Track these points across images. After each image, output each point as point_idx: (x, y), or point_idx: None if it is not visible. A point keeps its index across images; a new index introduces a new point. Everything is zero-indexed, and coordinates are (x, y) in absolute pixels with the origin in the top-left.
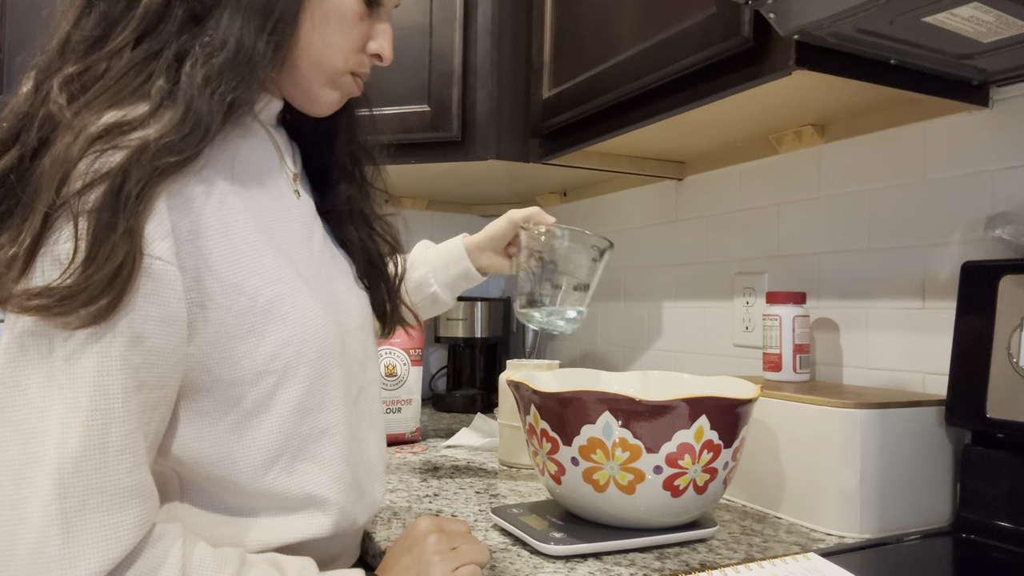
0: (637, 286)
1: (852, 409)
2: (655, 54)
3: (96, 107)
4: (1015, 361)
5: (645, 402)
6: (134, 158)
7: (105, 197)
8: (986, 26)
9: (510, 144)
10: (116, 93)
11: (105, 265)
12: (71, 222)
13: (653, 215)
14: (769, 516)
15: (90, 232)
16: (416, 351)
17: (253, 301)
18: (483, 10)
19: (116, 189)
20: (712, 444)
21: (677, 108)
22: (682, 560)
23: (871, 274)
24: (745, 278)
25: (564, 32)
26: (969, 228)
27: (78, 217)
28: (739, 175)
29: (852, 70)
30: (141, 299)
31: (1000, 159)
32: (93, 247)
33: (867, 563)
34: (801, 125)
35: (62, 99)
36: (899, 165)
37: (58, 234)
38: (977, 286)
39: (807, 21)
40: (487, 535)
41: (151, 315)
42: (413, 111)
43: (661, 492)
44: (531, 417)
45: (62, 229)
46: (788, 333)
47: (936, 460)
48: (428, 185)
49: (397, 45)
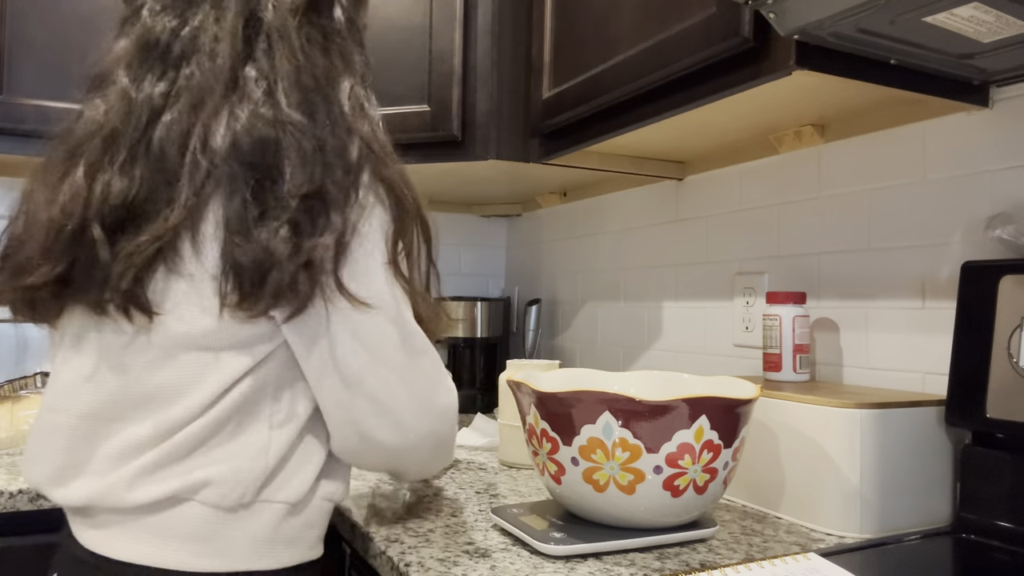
0: (637, 286)
1: (852, 409)
2: (655, 54)
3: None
4: (1015, 361)
5: (645, 402)
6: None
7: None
8: (986, 26)
9: (510, 144)
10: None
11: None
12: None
13: (653, 215)
14: (769, 516)
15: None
16: None
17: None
18: (483, 10)
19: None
20: (712, 444)
21: (677, 108)
22: (682, 560)
23: (871, 274)
24: (745, 278)
25: (564, 32)
26: (969, 228)
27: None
28: (739, 175)
29: (852, 70)
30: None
31: (1000, 159)
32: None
33: (867, 563)
34: (801, 125)
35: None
36: (899, 165)
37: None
38: (977, 286)
39: (807, 21)
40: (487, 535)
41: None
42: (413, 111)
43: (661, 492)
44: (531, 417)
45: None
46: (788, 333)
47: (936, 460)
48: (428, 185)
49: (397, 45)
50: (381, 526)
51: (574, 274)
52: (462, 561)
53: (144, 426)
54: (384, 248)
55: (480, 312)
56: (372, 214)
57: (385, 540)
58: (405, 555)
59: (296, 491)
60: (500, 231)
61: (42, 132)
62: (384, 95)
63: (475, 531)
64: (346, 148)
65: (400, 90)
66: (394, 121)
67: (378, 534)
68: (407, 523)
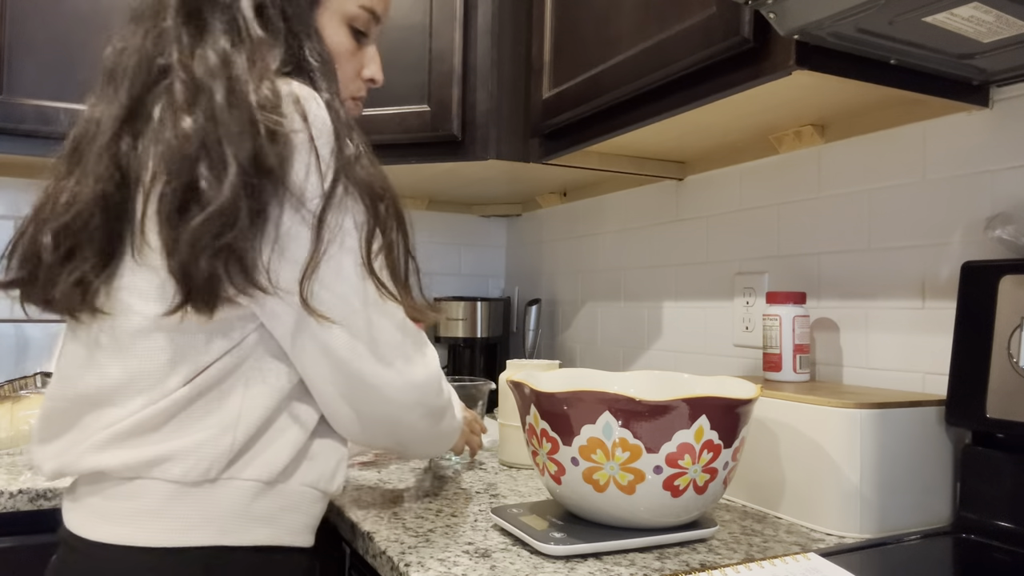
0: (637, 286)
1: (852, 409)
2: (655, 54)
3: None
4: (1015, 361)
5: (645, 402)
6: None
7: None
8: (986, 26)
9: (510, 144)
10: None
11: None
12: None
13: (653, 215)
14: (769, 516)
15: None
16: None
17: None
18: (483, 10)
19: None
20: (712, 444)
21: (677, 108)
22: (682, 560)
23: (871, 274)
24: (745, 278)
25: (564, 32)
26: (969, 228)
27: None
28: (739, 175)
29: (852, 70)
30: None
31: (1000, 159)
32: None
33: (867, 563)
34: (801, 125)
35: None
36: (899, 165)
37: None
38: (977, 286)
39: (807, 21)
40: (487, 535)
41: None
42: (413, 111)
43: (661, 492)
44: (531, 417)
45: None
46: (788, 333)
47: (936, 460)
48: (428, 185)
49: (397, 45)
50: (381, 526)
51: (574, 274)
52: (462, 561)
53: (126, 408)
54: (355, 247)
55: (480, 312)
56: (342, 212)
57: (385, 540)
58: (405, 555)
59: (268, 468)
60: (500, 231)
61: (42, 132)
62: (384, 95)
63: (475, 531)
64: (260, 147)
65: (400, 90)
66: (394, 121)
67: (378, 534)
68: (407, 523)
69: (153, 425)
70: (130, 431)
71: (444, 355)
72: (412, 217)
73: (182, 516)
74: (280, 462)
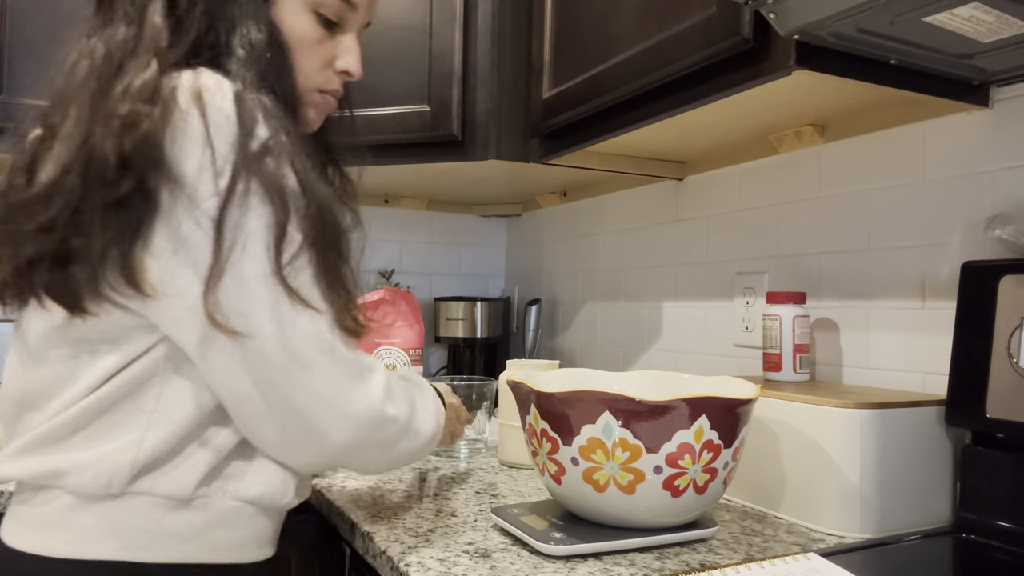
0: (637, 286)
1: (852, 409)
2: (655, 54)
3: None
4: (1015, 361)
5: (645, 402)
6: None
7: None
8: (986, 26)
9: (510, 144)
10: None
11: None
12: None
13: (653, 215)
14: (769, 516)
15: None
16: (416, 351)
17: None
18: (483, 10)
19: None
20: (712, 444)
21: (677, 108)
22: (682, 560)
23: (871, 274)
24: (745, 278)
25: (564, 32)
26: (969, 228)
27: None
28: (739, 175)
29: (852, 70)
30: None
31: (1000, 159)
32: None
33: (867, 563)
34: (801, 125)
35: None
36: (899, 165)
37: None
38: (977, 286)
39: (807, 21)
40: (487, 535)
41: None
42: (413, 111)
43: (661, 492)
44: (531, 417)
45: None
46: (788, 333)
47: (936, 460)
48: (428, 185)
49: (397, 45)
50: (381, 526)
51: (574, 274)
52: (462, 561)
53: (42, 414)
54: (260, 252)
55: (480, 312)
56: (244, 213)
57: (385, 540)
58: (405, 555)
59: (178, 486)
60: (500, 231)
61: None
62: (384, 95)
63: (475, 531)
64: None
65: (400, 90)
66: (394, 121)
67: (378, 534)
68: (407, 523)
69: (61, 435)
70: (42, 439)
71: (444, 355)
72: (411, 218)
73: (84, 528)
74: (192, 480)
